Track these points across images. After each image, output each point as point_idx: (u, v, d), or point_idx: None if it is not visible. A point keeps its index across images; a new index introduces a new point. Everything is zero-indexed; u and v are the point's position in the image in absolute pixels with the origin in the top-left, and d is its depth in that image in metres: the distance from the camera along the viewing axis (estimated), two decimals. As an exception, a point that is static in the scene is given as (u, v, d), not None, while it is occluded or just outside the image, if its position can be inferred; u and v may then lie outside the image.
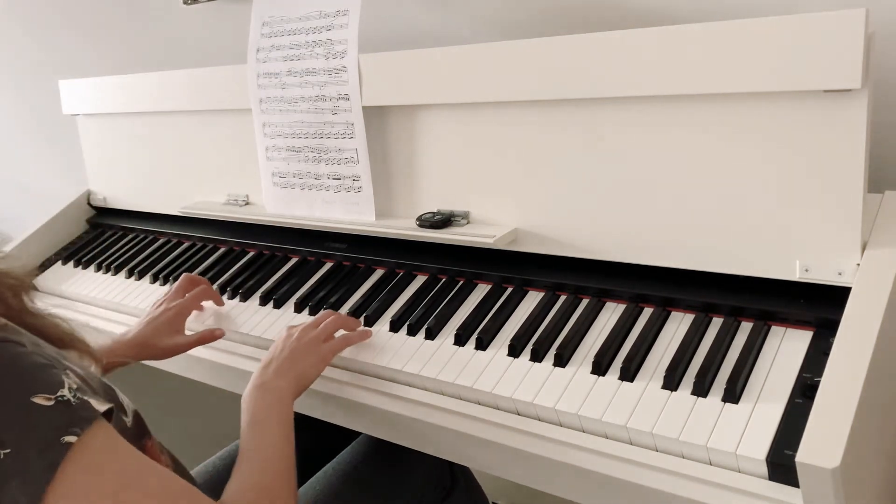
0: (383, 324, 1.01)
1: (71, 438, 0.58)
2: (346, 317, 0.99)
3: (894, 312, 0.73)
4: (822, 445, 0.61)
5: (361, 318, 1.02)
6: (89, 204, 1.61)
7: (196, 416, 1.65)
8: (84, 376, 0.68)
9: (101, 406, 0.63)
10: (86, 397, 0.62)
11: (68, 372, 0.64)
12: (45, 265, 1.50)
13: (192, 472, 1.04)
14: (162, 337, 1.04)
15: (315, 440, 1.17)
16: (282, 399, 0.83)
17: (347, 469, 1.03)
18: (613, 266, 0.92)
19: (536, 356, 0.86)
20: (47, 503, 0.57)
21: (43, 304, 0.76)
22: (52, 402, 0.59)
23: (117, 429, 0.65)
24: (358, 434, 1.09)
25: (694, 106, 0.83)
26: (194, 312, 1.12)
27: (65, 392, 0.61)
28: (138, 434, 0.73)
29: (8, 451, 0.57)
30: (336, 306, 1.06)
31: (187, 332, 1.07)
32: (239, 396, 1.09)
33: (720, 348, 0.79)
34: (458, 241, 1.00)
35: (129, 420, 0.73)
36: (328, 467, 1.05)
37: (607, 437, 0.76)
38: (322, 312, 0.99)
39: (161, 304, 1.09)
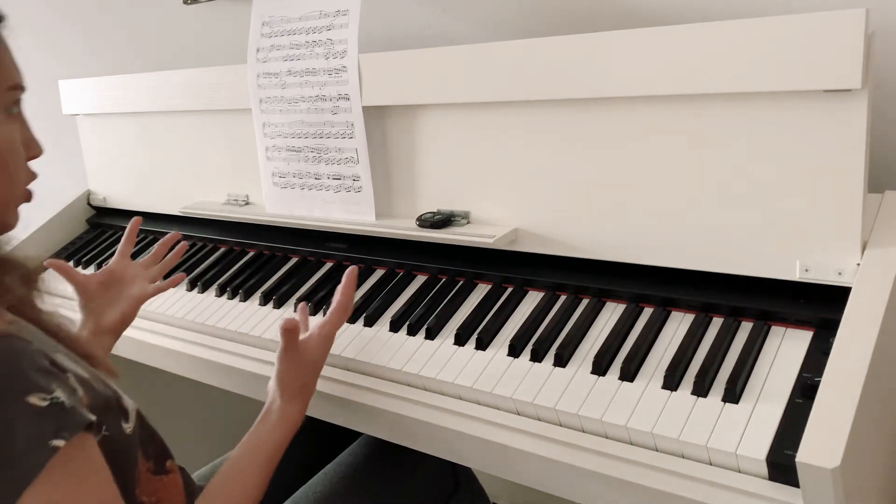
0: (383, 324, 1.00)
1: (59, 442, 0.59)
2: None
3: (894, 312, 0.73)
4: (822, 445, 0.61)
5: (361, 318, 1.02)
6: (89, 204, 1.61)
7: (197, 416, 1.65)
8: (88, 379, 0.68)
9: (90, 416, 0.63)
10: (77, 406, 0.62)
11: (69, 375, 0.64)
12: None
13: (197, 474, 1.04)
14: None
15: (315, 441, 1.17)
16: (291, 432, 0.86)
17: (348, 471, 1.03)
18: (613, 266, 0.92)
19: (536, 356, 0.86)
20: (24, 502, 0.57)
21: (53, 305, 0.76)
22: (46, 404, 0.59)
23: (111, 435, 0.67)
24: (358, 435, 1.09)
25: (694, 106, 0.83)
26: (193, 310, 1.11)
27: (60, 395, 0.60)
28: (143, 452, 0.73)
29: None
30: (336, 306, 1.06)
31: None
32: (241, 397, 1.09)
33: (720, 348, 0.79)
34: (458, 241, 1.00)
35: (129, 426, 0.72)
36: (328, 468, 1.04)
37: (607, 437, 0.76)
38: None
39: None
